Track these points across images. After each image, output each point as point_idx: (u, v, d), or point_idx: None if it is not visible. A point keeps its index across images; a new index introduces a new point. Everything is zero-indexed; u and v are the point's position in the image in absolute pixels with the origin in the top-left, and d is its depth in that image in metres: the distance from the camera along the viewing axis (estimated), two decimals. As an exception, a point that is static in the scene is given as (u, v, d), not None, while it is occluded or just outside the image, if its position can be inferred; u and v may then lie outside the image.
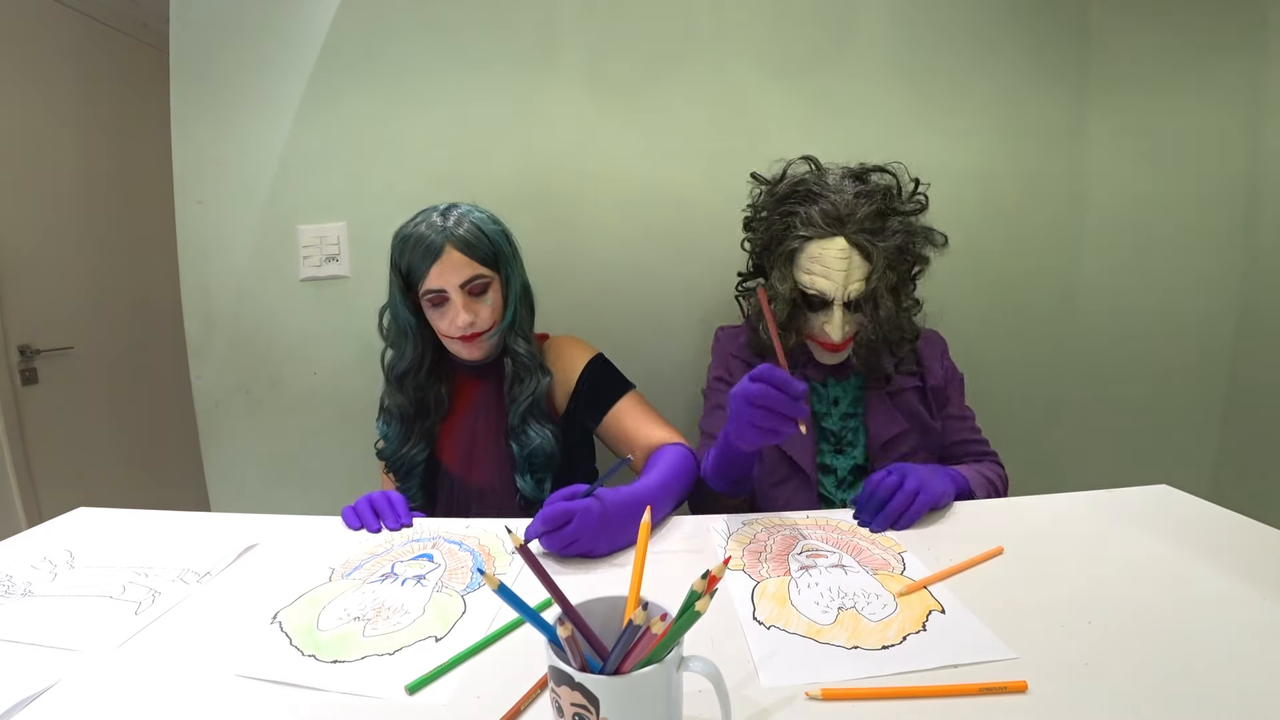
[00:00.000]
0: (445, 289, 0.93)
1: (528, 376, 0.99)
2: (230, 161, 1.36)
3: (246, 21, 1.33)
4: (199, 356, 1.42)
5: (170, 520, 0.86)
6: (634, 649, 0.39)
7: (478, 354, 0.98)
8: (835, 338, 0.94)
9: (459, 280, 0.92)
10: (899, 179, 0.97)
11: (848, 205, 0.92)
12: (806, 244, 0.93)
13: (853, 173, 0.97)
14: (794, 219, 0.95)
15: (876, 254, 0.91)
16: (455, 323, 0.93)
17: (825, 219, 0.92)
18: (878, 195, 0.93)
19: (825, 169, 0.99)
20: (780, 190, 0.98)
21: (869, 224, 0.91)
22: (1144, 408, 1.46)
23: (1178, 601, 0.60)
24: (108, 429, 2.03)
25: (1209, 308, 1.43)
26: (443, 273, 0.92)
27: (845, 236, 0.92)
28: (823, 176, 0.96)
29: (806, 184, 0.96)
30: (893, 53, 1.33)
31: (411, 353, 0.99)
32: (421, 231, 0.93)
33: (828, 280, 0.92)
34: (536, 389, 0.98)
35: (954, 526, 0.78)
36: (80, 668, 0.53)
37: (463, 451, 1.03)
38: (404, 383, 1.00)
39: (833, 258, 0.92)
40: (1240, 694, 0.47)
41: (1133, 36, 1.35)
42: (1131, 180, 1.39)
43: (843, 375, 1.03)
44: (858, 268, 0.92)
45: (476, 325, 0.94)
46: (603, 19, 1.32)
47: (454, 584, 0.66)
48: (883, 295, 0.93)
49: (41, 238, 1.82)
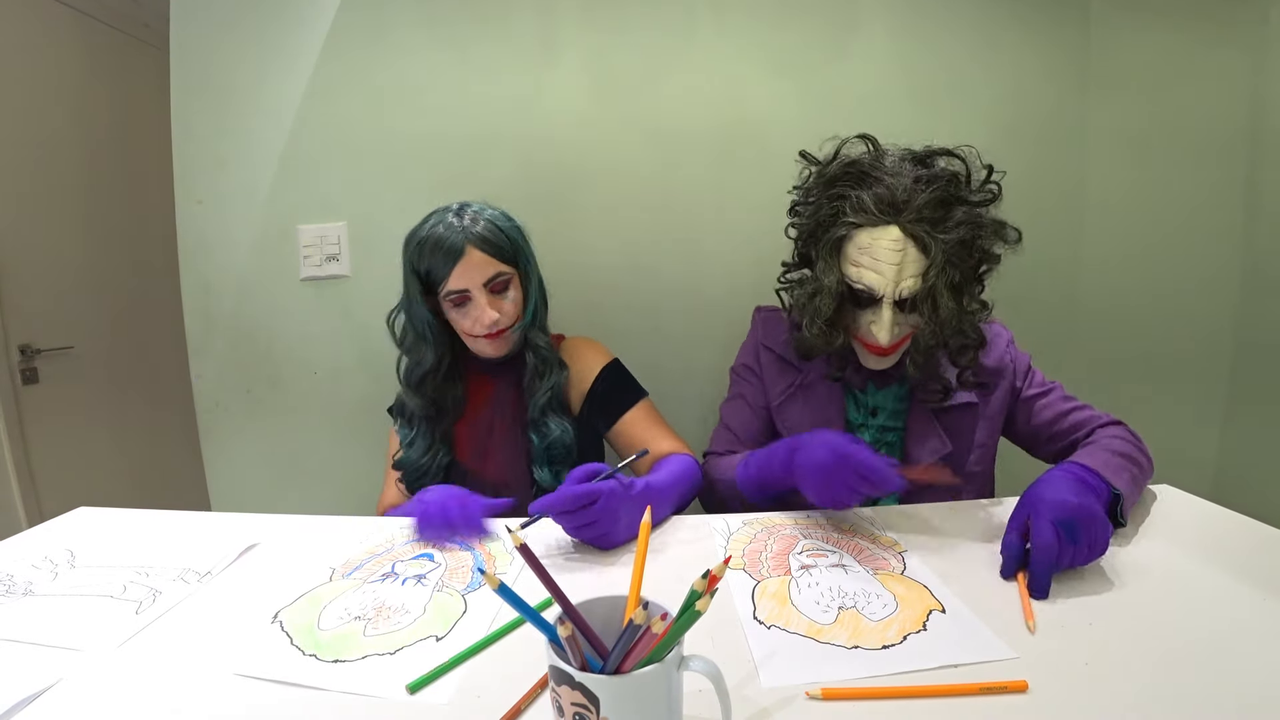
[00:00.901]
0: (469, 289, 0.93)
1: (548, 370, 1.00)
2: (230, 161, 1.36)
3: (246, 21, 1.33)
4: (199, 356, 1.42)
5: (170, 520, 0.86)
6: (634, 648, 0.39)
7: (500, 350, 0.99)
8: (883, 340, 0.84)
9: (482, 279, 0.93)
10: (968, 165, 0.85)
11: (905, 190, 0.80)
12: (856, 232, 0.83)
13: (915, 155, 0.85)
14: (844, 203, 0.84)
15: (935, 247, 0.79)
16: (481, 321, 0.94)
17: (879, 204, 0.81)
18: (941, 181, 0.81)
19: (884, 150, 0.87)
20: (831, 171, 0.87)
21: (929, 213, 0.80)
22: (1144, 407, 1.45)
23: (1178, 601, 0.60)
24: (108, 429, 2.03)
25: (1209, 307, 1.43)
26: (466, 272, 0.92)
27: (900, 226, 0.81)
28: (880, 158, 0.85)
29: (860, 165, 0.85)
30: (893, 50, 1.34)
31: (432, 356, 0.99)
32: (440, 233, 0.93)
33: (877, 274, 0.82)
34: (556, 382, 1.00)
35: (954, 526, 0.78)
36: (81, 667, 0.53)
37: (478, 446, 1.03)
38: (424, 386, 1.00)
39: (884, 249, 0.81)
40: (1240, 694, 0.47)
41: (1133, 35, 1.35)
42: (1132, 179, 1.39)
43: (884, 382, 0.95)
44: (913, 262, 0.81)
45: (501, 322, 0.95)
46: (603, 18, 1.32)
47: (454, 583, 0.66)
48: (942, 294, 0.81)
49: (41, 238, 1.81)
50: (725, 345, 1.20)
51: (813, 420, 0.95)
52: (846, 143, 0.90)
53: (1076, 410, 0.93)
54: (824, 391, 0.96)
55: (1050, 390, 0.96)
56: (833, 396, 0.95)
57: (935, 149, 0.85)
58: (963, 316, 0.83)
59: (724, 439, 1.02)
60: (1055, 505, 0.64)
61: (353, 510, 0.90)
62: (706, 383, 1.08)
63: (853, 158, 0.87)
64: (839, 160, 0.88)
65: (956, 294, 0.83)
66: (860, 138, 0.89)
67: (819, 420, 0.94)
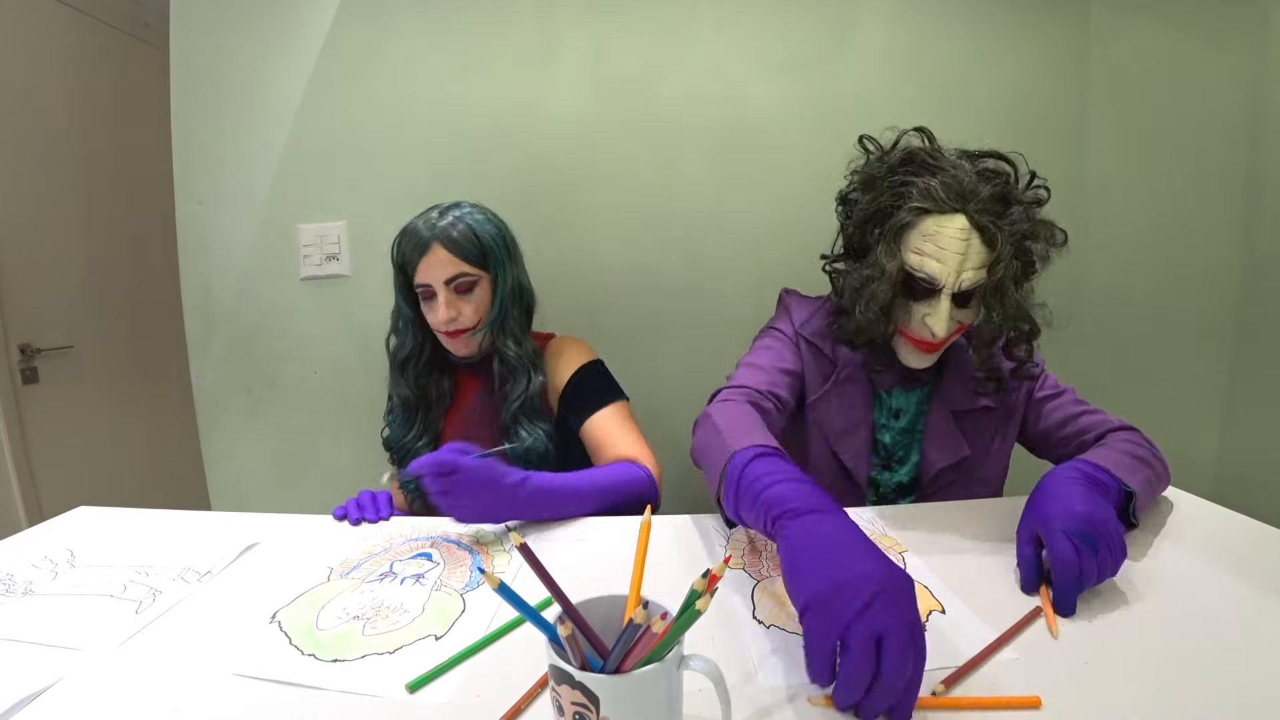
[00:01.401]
0: (431, 284, 0.96)
1: (516, 377, 1.00)
2: (230, 161, 1.36)
3: (246, 21, 1.33)
4: (199, 356, 1.42)
5: (170, 519, 0.86)
6: (634, 648, 0.39)
7: (463, 350, 1.01)
8: (940, 332, 0.82)
9: (444, 277, 0.96)
10: (1016, 169, 0.85)
11: (971, 181, 0.80)
12: (922, 218, 0.81)
13: (967, 153, 0.85)
14: (910, 189, 0.82)
15: (1002, 238, 0.79)
16: (437, 316, 0.97)
17: (947, 191, 0.80)
18: (999, 179, 0.82)
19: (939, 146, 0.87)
20: (894, 158, 0.86)
21: (992, 205, 0.80)
22: (1144, 407, 1.45)
23: (1178, 601, 0.60)
24: (108, 428, 2.03)
25: (1209, 306, 1.43)
26: (429, 268, 0.96)
27: (967, 214, 0.80)
28: (937, 151, 0.85)
29: (922, 155, 0.84)
30: (893, 50, 1.34)
31: (411, 343, 1.03)
32: (417, 227, 0.97)
33: (940, 264, 0.80)
34: (528, 389, 1.00)
35: (955, 526, 0.78)
36: (81, 666, 0.53)
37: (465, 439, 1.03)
38: (405, 370, 1.04)
39: (950, 237, 0.80)
40: (1241, 694, 0.47)
41: (1133, 35, 1.35)
42: (1131, 179, 1.39)
43: (911, 384, 0.94)
44: (976, 253, 0.80)
45: (459, 322, 0.97)
46: (603, 18, 1.32)
47: (453, 582, 0.66)
48: (1008, 286, 0.81)
49: (41, 237, 1.81)
50: (725, 344, 1.20)
51: (844, 420, 0.94)
52: (905, 134, 0.88)
53: (1087, 414, 0.92)
54: (856, 391, 0.95)
55: (1062, 393, 0.96)
56: (864, 397, 0.94)
57: (985, 150, 0.85)
58: (1024, 308, 0.84)
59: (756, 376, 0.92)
60: (1067, 518, 0.62)
61: (352, 510, 0.90)
62: (706, 382, 1.07)
63: (912, 147, 0.86)
64: (900, 148, 0.87)
65: (1018, 286, 0.83)
66: (916, 130, 0.88)
67: (849, 419, 0.94)
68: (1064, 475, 0.71)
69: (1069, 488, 0.68)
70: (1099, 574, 0.59)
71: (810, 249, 1.01)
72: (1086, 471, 0.71)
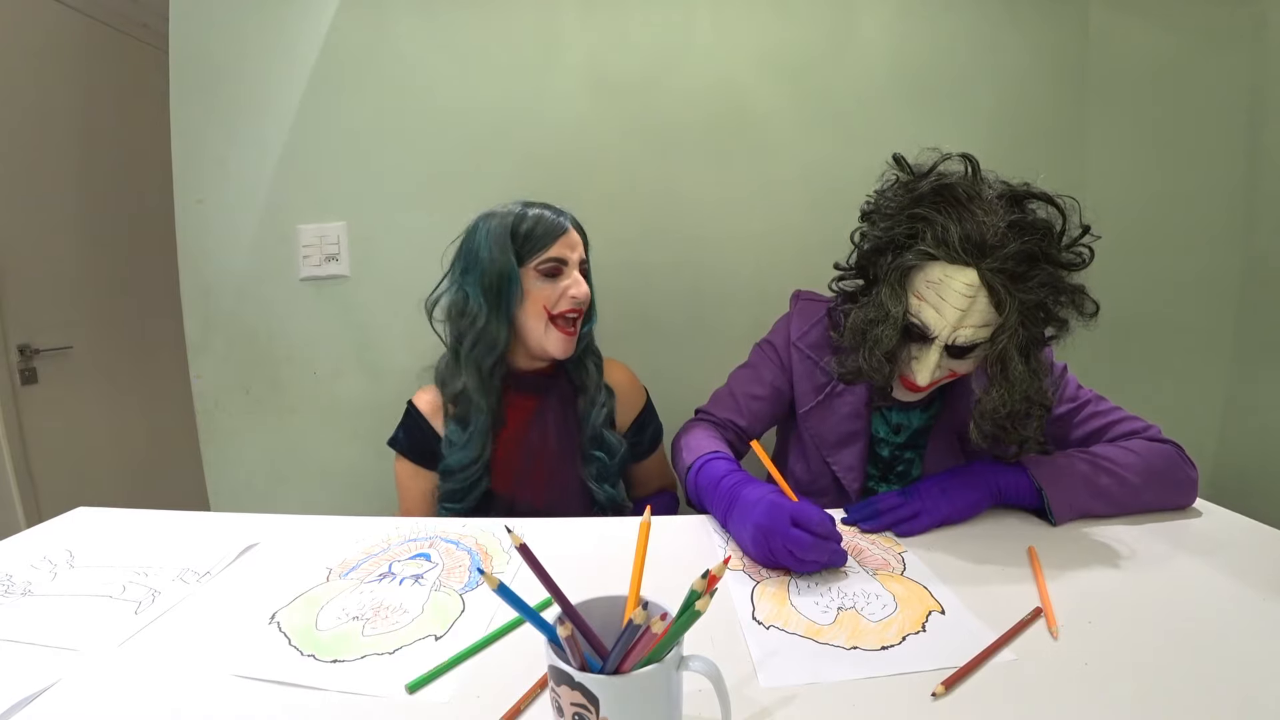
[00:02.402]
0: (567, 259, 0.95)
1: (600, 389, 1.01)
2: (230, 161, 1.36)
3: (246, 21, 1.33)
4: (199, 356, 1.42)
5: (170, 520, 0.86)
6: (634, 648, 0.39)
7: (570, 349, 0.96)
8: (921, 381, 0.78)
9: (578, 257, 0.97)
10: (1066, 218, 0.75)
11: (996, 234, 0.71)
12: (930, 265, 0.75)
13: (1013, 192, 0.75)
14: (925, 229, 0.75)
15: (1011, 305, 0.72)
16: (574, 290, 0.94)
17: (964, 242, 0.72)
18: (1036, 234, 0.72)
19: (982, 177, 0.77)
20: (921, 188, 0.77)
21: (1012, 265, 0.72)
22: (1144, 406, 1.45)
23: (1178, 602, 0.60)
24: (107, 429, 2.03)
25: (1209, 306, 1.43)
26: (567, 244, 0.95)
27: (980, 271, 0.72)
28: (977, 187, 0.76)
29: (954, 192, 0.75)
30: (892, 50, 1.34)
31: (504, 340, 0.94)
32: (546, 215, 0.96)
33: (937, 314, 0.75)
34: (610, 401, 1.02)
35: (955, 527, 0.78)
36: (80, 667, 0.53)
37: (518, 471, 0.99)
38: (493, 375, 0.95)
39: (955, 291, 0.73)
40: (1241, 694, 0.47)
41: (1132, 36, 1.35)
42: (1131, 180, 1.39)
43: (908, 406, 0.92)
44: (980, 312, 0.74)
45: (586, 302, 0.96)
46: (603, 19, 1.32)
47: (452, 583, 0.66)
48: (1013, 357, 0.74)
49: (41, 238, 1.81)
50: (725, 344, 1.20)
51: (837, 432, 0.93)
52: (946, 158, 0.79)
53: (1114, 424, 0.86)
54: (852, 404, 0.92)
55: (1084, 404, 0.88)
56: (860, 410, 0.92)
57: (1036, 191, 0.75)
58: (1033, 382, 0.75)
59: (724, 404, 0.98)
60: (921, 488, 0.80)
61: (352, 510, 0.90)
62: (705, 383, 1.08)
63: (947, 180, 0.76)
64: (932, 177, 0.77)
65: (1025, 358, 0.76)
66: (962, 157, 0.78)
67: (844, 432, 0.93)
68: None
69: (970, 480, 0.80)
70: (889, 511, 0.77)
71: (810, 249, 1.02)
72: (990, 481, 0.80)
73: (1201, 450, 1.47)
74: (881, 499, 0.80)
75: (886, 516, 0.78)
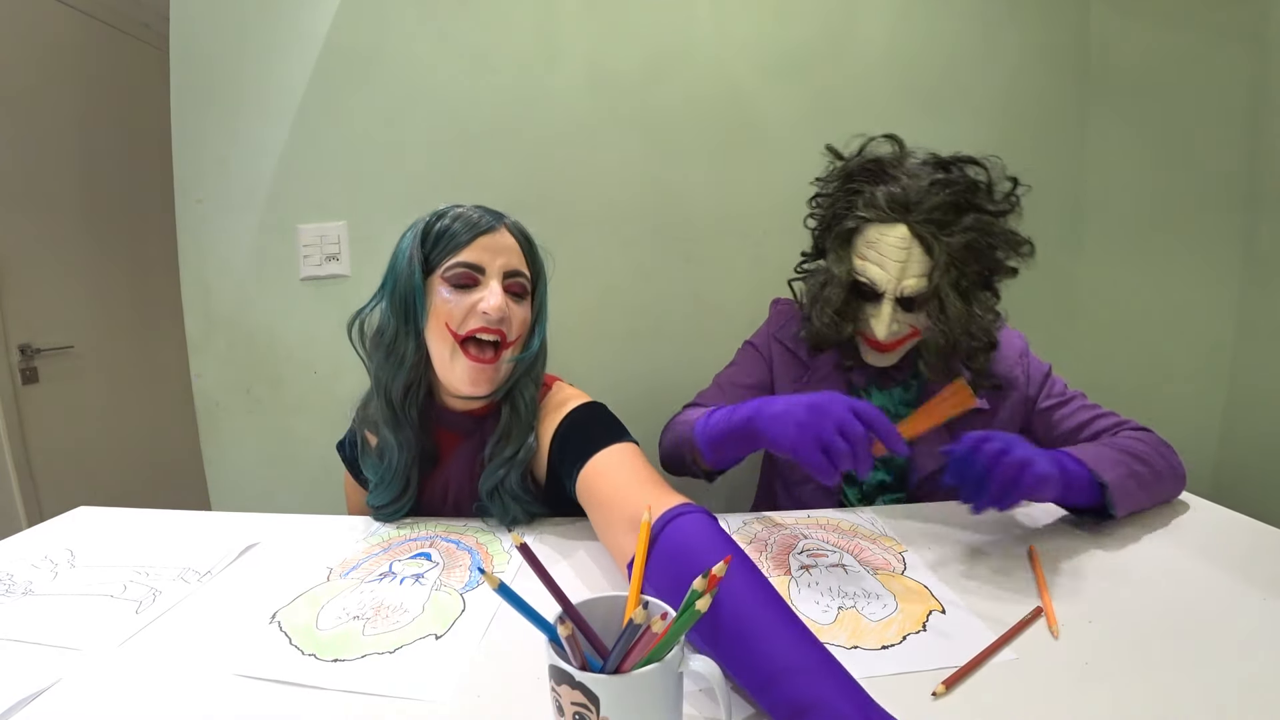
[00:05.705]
0: (484, 265, 0.75)
1: (520, 434, 0.78)
2: (230, 161, 1.36)
3: (247, 21, 1.33)
4: (199, 355, 1.42)
5: (170, 519, 0.86)
6: (634, 648, 0.39)
7: (483, 386, 0.75)
8: (880, 335, 0.86)
9: (504, 266, 0.76)
10: (991, 174, 0.86)
11: (919, 192, 0.82)
12: (866, 226, 0.86)
13: (939, 160, 0.87)
14: (858, 198, 0.87)
15: (939, 249, 0.82)
16: (488, 303, 0.73)
17: (890, 202, 0.84)
18: (958, 186, 0.83)
19: (908, 152, 0.89)
20: (851, 166, 0.90)
21: (938, 215, 0.82)
22: (1144, 407, 1.46)
23: (1178, 601, 0.60)
24: (108, 429, 2.03)
25: (1209, 306, 1.43)
26: (489, 248, 0.75)
27: (908, 224, 0.83)
28: (902, 158, 0.88)
29: (881, 164, 0.87)
30: (893, 50, 1.34)
31: (412, 360, 0.77)
32: (467, 212, 0.77)
33: (881, 270, 0.85)
34: (520, 452, 0.77)
35: (955, 526, 0.78)
36: (81, 666, 0.53)
37: (438, 511, 0.86)
38: (405, 404, 0.78)
39: (890, 245, 0.84)
40: (1241, 694, 0.47)
41: (1133, 34, 1.35)
42: (1131, 179, 1.39)
43: (885, 384, 0.96)
44: (917, 261, 0.83)
45: (506, 325, 0.75)
46: (603, 19, 1.32)
47: (452, 582, 0.66)
48: (948, 294, 0.83)
49: (42, 237, 1.81)
50: (725, 346, 1.20)
51: None
52: (872, 141, 0.91)
53: (1101, 418, 0.89)
54: (826, 383, 0.97)
55: (1071, 399, 0.93)
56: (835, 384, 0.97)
57: (961, 156, 0.87)
58: (971, 319, 0.84)
59: (711, 395, 1.03)
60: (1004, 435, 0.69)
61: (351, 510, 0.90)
62: (704, 384, 1.08)
63: (875, 155, 0.89)
64: (861, 156, 0.91)
65: (964, 297, 0.84)
66: (887, 138, 0.91)
67: None
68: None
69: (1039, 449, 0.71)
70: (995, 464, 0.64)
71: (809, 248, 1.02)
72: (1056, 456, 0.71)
73: (1201, 450, 1.48)
74: (974, 448, 0.67)
75: (997, 472, 0.65)
